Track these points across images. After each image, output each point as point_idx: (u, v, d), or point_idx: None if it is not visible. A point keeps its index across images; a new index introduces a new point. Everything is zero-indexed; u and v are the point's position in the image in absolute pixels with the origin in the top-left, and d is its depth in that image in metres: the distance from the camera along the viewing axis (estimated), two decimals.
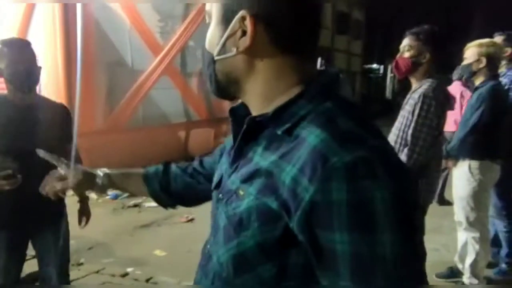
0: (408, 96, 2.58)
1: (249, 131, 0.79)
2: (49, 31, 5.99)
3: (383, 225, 0.63)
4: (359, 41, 23.11)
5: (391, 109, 13.20)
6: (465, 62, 3.06)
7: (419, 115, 2.36)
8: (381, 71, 27.78)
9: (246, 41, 0.74)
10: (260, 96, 0.79)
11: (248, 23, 0.73)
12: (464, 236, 3.20)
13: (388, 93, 27.49)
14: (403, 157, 2.38)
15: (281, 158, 0.71)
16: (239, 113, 0.86)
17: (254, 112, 0.82)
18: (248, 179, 0.75)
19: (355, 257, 0.63)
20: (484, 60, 2.97)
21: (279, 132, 0.74)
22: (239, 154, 0.82)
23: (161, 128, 7.51)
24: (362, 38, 23.57)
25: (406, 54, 2.48)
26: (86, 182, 1.23)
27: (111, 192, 5.76)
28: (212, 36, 0.79)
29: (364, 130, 0.70)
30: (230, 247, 0.76)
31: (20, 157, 1.98)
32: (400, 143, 2.46)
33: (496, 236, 3.48)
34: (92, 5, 6.13)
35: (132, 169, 1.32)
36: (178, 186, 1.20)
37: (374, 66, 27.19)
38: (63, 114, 2.24)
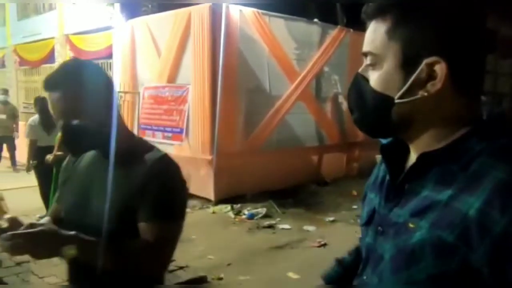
0: None
1: (417, 167, 0.81)
2: (198, 62, 6.61)
3: None
4: (509, 59, 21.02)
5: None
6: None
7: None
8: None
9: (436, 85, 0.76)
10: (431, 136, 0.81)
11: (439, 67, 0.76)
12: None
13: None
14: None
15: (461, 191, 0.72)
16: (391, 150, 0.90)
17: (417, 150, 0.83)
18: (419, 213, 0.77)
19: None
20: None
21: (454, 168, 0.75)
22: (400, 189, 0.84)
23: (295, 151, 7.68)
24: None
25: None
26: None
27: (247, 212, 6.06)
28: (390, 79, 0.81)
29: None
30: (398, 278, 0.79)
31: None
32: None
33: None
34: (236, 36, 6.61)
35: None
36: None
37: None
38: (152, 173, 1.32)
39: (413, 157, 0.85)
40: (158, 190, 1.31)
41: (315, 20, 8.19)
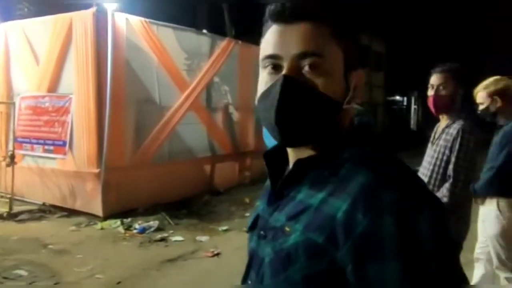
0: (437, 130, 2.61)
1: (293, 172, 0.86)
2: (81, 71, 6.26)
3: (430, 255, 0.70)
4: (380, 73, 23.21)
5: (416, 140, 13.06)
6: (482, 107, 3.03)
7: (459, 150, 2.39)
8: (405, 102, 27.69)
9: (362, 93, 0.86)
10: (326, 141, 0.85)
11: (361, 79, 0.86)
12: (480, 273, 3.17)
13: (412, 125, 27.30)
14: (444, 191, 2.40)
15: (330, 195, 0.78)
16: (273, 157, 0.95)
17: (303, 155, 0.86)
18: (294, 217, 0.81)
19: (402, 286, 0.69)
20: (498, 99, 2.94)
21: (326, 173, 0.81)
22: (279, 194, 0.88)
23: (187, 162, 7.62)
24: (384, 70, 23.65)
25: (443, 92, 2.52)
26: None
27: (138, 226, 5.86)
28: (339, 84, 0.82)
29: (402, 169, 0.79)
30: (277, 281, 0.82)
31: None
32: (436, 178, 2.48)
33: None
34: (123, 44, 6.39)
35: None
36: None
37: (397, 98, 27.12)
38: None
39: (292, 163, 0.89)
40: None
41: (204, 31, 8.26)
